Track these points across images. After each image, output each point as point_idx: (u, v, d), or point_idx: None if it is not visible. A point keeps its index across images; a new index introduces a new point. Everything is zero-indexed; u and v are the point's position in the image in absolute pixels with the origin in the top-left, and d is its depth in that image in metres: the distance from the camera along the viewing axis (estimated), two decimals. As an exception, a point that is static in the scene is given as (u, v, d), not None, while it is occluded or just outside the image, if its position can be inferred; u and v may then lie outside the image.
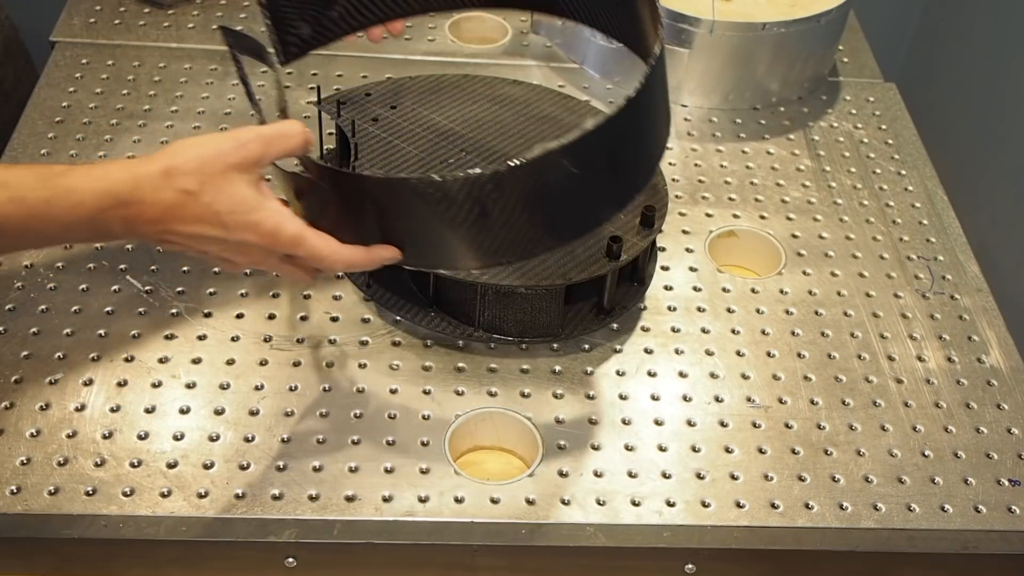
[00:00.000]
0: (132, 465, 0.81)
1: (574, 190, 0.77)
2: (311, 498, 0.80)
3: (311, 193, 0.79)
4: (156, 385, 0.87)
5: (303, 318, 0.93)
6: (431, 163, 0.97)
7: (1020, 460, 0.88)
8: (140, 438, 0.83)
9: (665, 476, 0.84)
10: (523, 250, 0.79)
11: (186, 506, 0.79)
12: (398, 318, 0.94)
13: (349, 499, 0.80)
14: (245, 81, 0.87)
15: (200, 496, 0.80)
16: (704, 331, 0.96)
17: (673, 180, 1.11)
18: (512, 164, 0.72)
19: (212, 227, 0.71)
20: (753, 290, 1.00)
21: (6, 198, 0.65)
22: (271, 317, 0.93)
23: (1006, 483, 0.86)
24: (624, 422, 0.88)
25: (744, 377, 0.92)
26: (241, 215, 0.71)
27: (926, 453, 0.88)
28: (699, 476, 0.84)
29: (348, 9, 0.96)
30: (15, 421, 0.84)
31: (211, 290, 0.94)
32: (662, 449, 0.86)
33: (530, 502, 0.81)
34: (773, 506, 0.83)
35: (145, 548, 0.78)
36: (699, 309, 0.98)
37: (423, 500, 0.81)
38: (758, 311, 0.98)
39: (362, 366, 0.90)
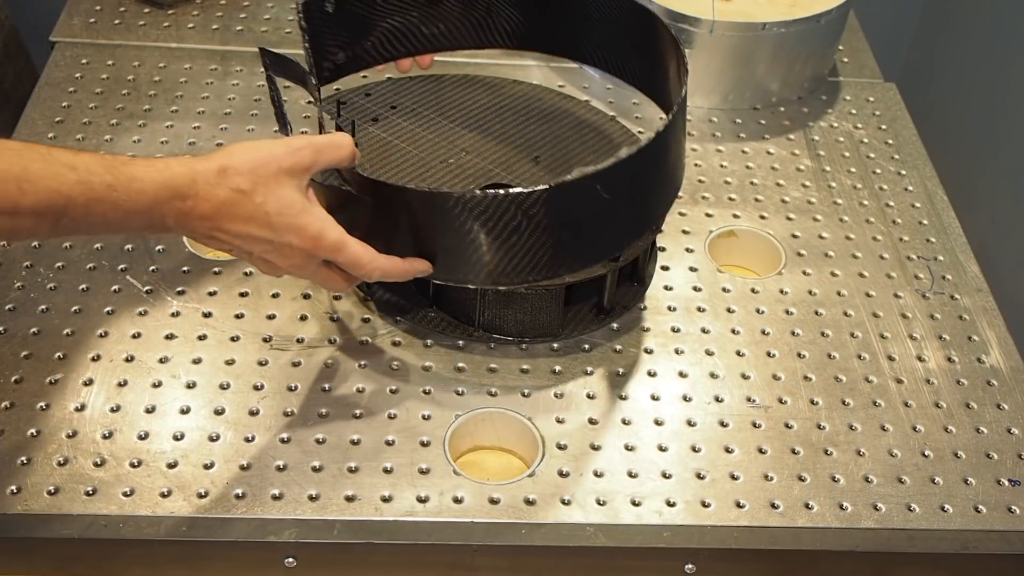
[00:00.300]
0: (132, 465, 0.81)
1: (603, 215, 0.82)
2: (311, 498, 0.80)
3: (346, 204, 0.82)
4: (156, 385, 0.87)
5: (303, 318, 0.93)
6: (431, 163, 0.98)
7: (1020, 460, 0.88)
8: (140, 438, 0.83)
9: (665, 476, 0.84)
10: (548, 270, 0.83)
11: (186, 506, 0.79)
12: (398, 318, 0.94)
13: (349, 499, 0.81)
14: (278, 103, 0.91)
15: (200, 496, 0.80)
16: (704, 331, 0.96)
17: (673, 180, 1.11)
18: (552, 184, 0.77)
19: (260, 227, 0.74)
20: (753, 290, 1.00)
21: (74, 180, 0.68)
22: (271, 317, 0.93)
23: (1006, 483, 0.86)
24: (624, 422, 0.88)
25: (744, 377, 0.92)
26: (289, 217, 0.75)
27: (926, 453, 0.88)
28: (699, 476, 0.84)
29: (382, 40, 1.01)
30: (15, 421, 0.84)
31: (211, 290, 0.94)
32: (662, 449, 0.86)
33: (530, 502, 0.81)
34: (773, 506, 0.83)
35: (145, 548, 0.78)
36: (699, 309, 0.98)
37: (423, 500, 0.81)
38: (758, 311, 0.98)
39: (362, 366, 0.90)
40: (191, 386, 0.87)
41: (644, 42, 0.96)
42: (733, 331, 0.96)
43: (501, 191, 0.77)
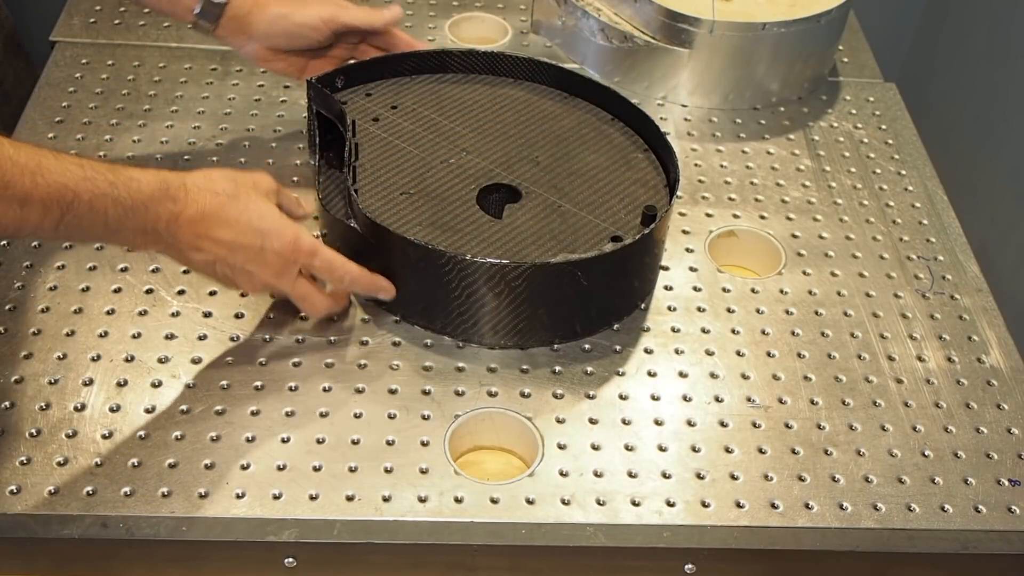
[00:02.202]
0: (132, 465, 0.81)
1: (579, 299, 0.90)
2: (311, 498, 0.80)
3: (348, 239, 0.92)
4: (156, 385, 0.87)
5: (303, 318, 0.93)
6: (432, 163, 0.98)
7: (1020, 460, 0.88)
8: (140, 438, 0.83)
9: (665, 476, 0.84)
10: (520, 338, 0.91)
11: (186, 506, 0.79)
12: (398, 318, 0.94)
13: (349, 499, 0.80)
14: (313, 132, 1.03)
15: (200, 496, 0.80)
16: (704, 331, 0.96)
17: (673, 180, 1.11)
18: (536, 263, 0.87)
19: (243, 232, 0.81)
20: (753, 290, 1.00)
21: (81, 175, 0.74)
22: (271, 317, 0.93)
23: (1006, 483, 0.86)
24: (624, 422, 0.88)
25: (744, 377, 0.92)
26: (268, 222, 0.82)
27: (926, 453, 0.88)
28: (699, 476, 0.84)
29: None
30: (15, 421, 0.84)
31: (211, 290, 0.94)
32: (662, 449, 0.86)
33: (530, 502, 0.81)
34: (773, 506, 0.83)
35: (145, 548, 0.78)
36: (699, 309, 0.98)
37: (423, 500, 0.81)
38: (758, 311, 0.98)
39: (362, 366, 0.90)
40: (191, 386, 0.87)
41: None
42: (733, 331, 0.96)
43: (490, 260, 0.86)
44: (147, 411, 0.85)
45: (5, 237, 0.95)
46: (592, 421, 0.87)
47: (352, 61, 1.05)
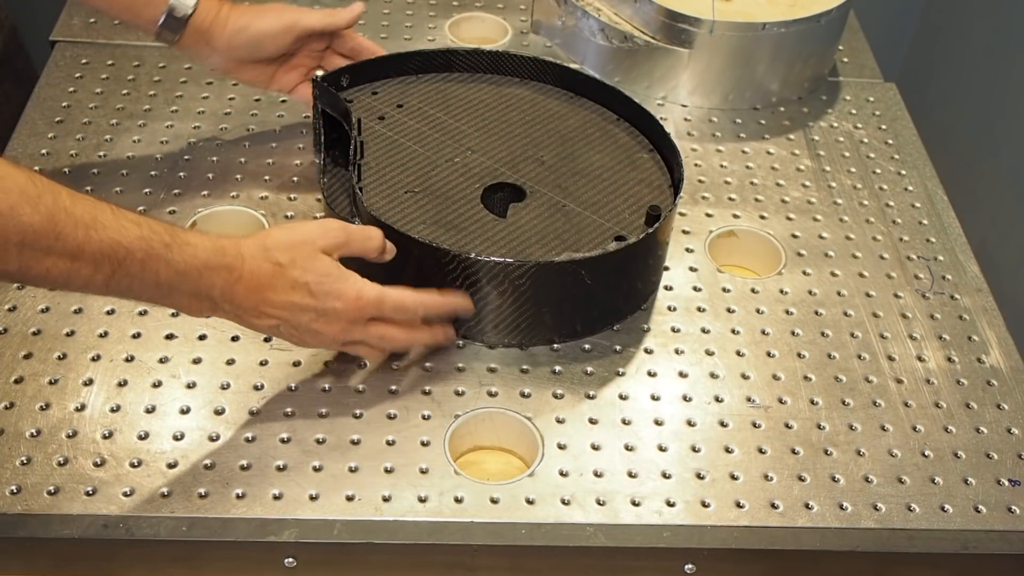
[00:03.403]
0: (132, 465, 0.81)
1: (583, 298, 0.90)
2: (311, 498, 0.80)
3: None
4: (156, 385, 0.87)
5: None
6: (437, 162, 0.98)
7: (1020, 460, 0.88)
8: (140, 438, 0.83)
9: (665, 476, 0.84)
10: (524, 336, 0.92)
11: (186, 506, 0.79)
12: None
13: (349, 499, 0.80)
14: (318, 131, 1.02)
15: (200, 496, 0.80)
16: (704, 331, 0.96)
17: (673, 180, 1.11)
18: (540, 262, 0.87)
19: (303, 295, 0.80)
20: (753, 290, 1.00)
21: (136, 235, 0.73)
22: (271, 317, 0.93)
23: (1006, 483, 0.86)
24: (624, 422, 0.88)
25: (744, 377, 0.92)
26: (327, 284, 0.80)
27: (926, 453, 0.88)
28: (699, 476, 0.84)
29: None
30: (15, 421, 0.84)
31: (211, 290, 0.94)
32: (662, 449, 0.86)
33: (530, 502, 0.81)
34: (773, 506, 0.83)
35: (145, 548, 0.78)
36: (699, 309, 0.98)
37: (423, 500, 0.81)
38: (758, 311, 0.98)
39: (362, 366, 0.90)
40: (191, 386, 0.87)
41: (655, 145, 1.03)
42: (733, 331, 0.96)
43: (494, 259, 0.86)
44: (147, 411, 0.85)
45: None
46: (592, 421, 0.87)
47: (320, 72, 1.05)
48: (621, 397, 0.90)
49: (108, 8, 1.01)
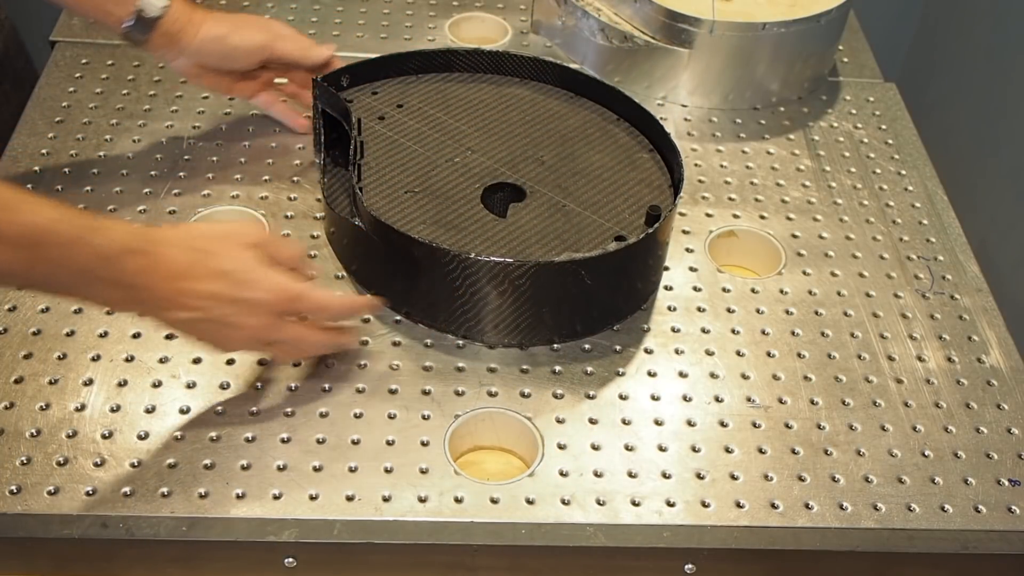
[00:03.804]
0: (132, 465, 0.81)
1: (583, 298, 0.90)
2: (311, 498, 0.80)
3: (356, 239, 0.93)
4: (156, 385, 0.87)
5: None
6: (437, 162, 0.98)
7: (1020, 460, 0.88)
8: (140, 438, 0.83)
9: (665, 476, 0.84)
10: (524, 336, 0.91)
11: (186, 506, 0.79)
12: (398, 318, 0.94)
13: (349, 499, 0.80)
14: (318, 131, 1.03)
15: (200, 496, 0.80)
16: (704, 331, 0.96)
17: (673, 180, 1.11)
18: (540, 262, 0.86)
19: (224, 285, 0.78)
20: (753, 290, 1.00)
21: (57, 216, 0.72)
22: (271, 317, 0.93)
23: (1006, 483, 0.86)
24: (624, 422, 0.88)
25: (744, 377, 0.92)
26: (247, 273, 0.79)
27: (926, 453, 0.88)
28: (699, 476, 0.84)
29: None
30: (15, 421, 0.84)
31: (211, 290, 0.94)
32: (662, 449, 0.86)
33: (530, 502, 0.81)
34: (773, 506, 0.83)
35: (145, 548, 0.78)
36: (699, 309, 0.98)
37: (423, 500, 0.81)
38: (758, 311, 0.98)
39: (362, 366, 0.90)
40: (191, 386, 0.87)
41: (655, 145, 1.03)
42: (733, 331, 0.96)
43: (495, 259, 0.86)
44: (147, 411, 0.85)
45: None
46: (592, 421, 0.87)
47: (282, 81, 1.07)
48: (621, 397, 0.90)
49: (76, 6, 1.00)
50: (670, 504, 0.82)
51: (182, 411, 0.85)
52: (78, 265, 0.73)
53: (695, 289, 1.00)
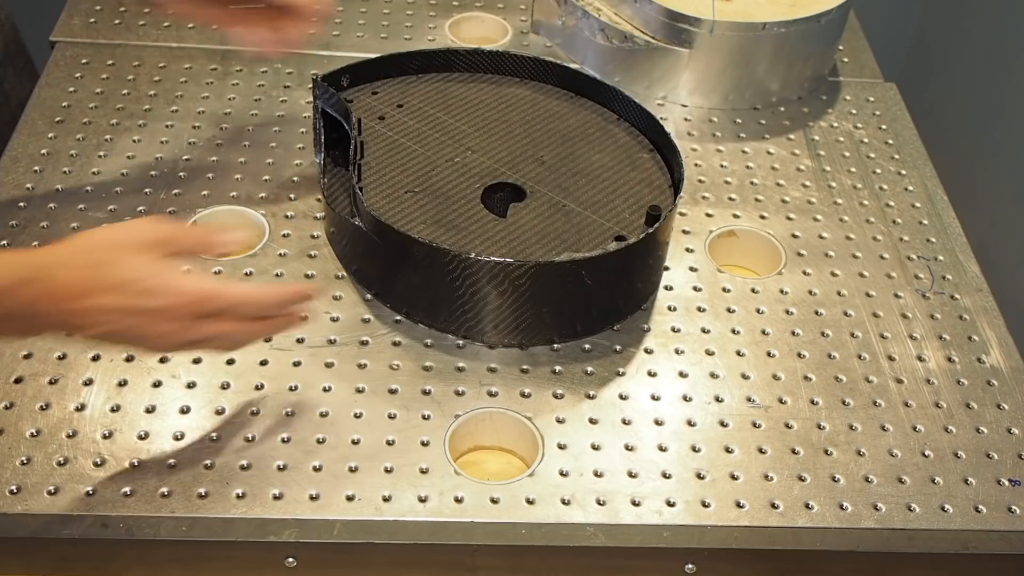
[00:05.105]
0: (132, 465, 0.81)
1: (583, 298, 0.90)
2: (311, 498, 0.80)
3: (356, 238, 0.92)
4: (156, 385, 0.87)
5: (303, 318, 0.93)
6: (437, 162, 0.98)
7: (1020, 460, 0.88)
8: (140, 438, 0.83)
9: (665, 476, 0.84)
10: (524, 336, 0.91)
11: (186, 506, 0.79)
12: (398, 318, 0.94)
13: (349, 499, 0.80)
14: (318, 130, 1.01)
15: (200, 496, 0.80)
16: (704, 331, 0.96)
17: (673, 180, 1.11)
18: (541, 262, 0.86)
19: (121, 298, 0.72)
20: (753, 290, 1.00)
21: None
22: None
23: (1006, 483, 0.86)
24: (624, 422, 0.88)
25: (744, 377, 0.92)
26: (145, 281, 0.72)
27: (926, 453, 0.88)
28: (699, 476, 0.84)
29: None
30: (15, 421, 0.84)
31: (211, 290, 0.94)
32: (662, 449, 0.86)
33: (530, 502, 0.81)
34: (773, 506, 0.83)
35: (145, 548, 0.78)
36: (699, 309, 0.98)
37: (423, 500, 0.81)
38: (758, 311, 0.98)
39: (362, 366, 0.90)
40: (191, 386, 0.87)
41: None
42: (733, 331, 0.96)
43: (495, 259, 0.86)
44: (147, 411, 0.85)
45: None
46: (592, 421, 0.87)
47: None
48: (621, 397, 0.90)
49: None
50: (670, 504, 0.82)
51: (182, 411, 0.85)
52: None
53: (695, 289, 1.00)
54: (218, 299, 0.75)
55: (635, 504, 0.82)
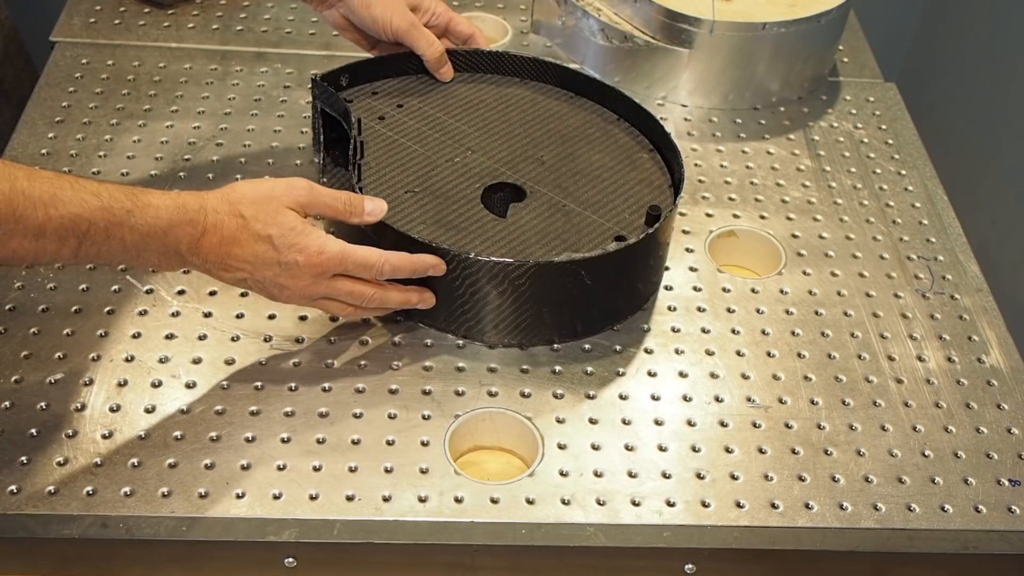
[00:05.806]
0: (132, 465, 0.81)
1: (582, 298, 0.90)
2: (311, 498, 0.80)
3: (359, 240, 0.90)
4: (156, 385, 0.87)
5: (303, 318, 0.93)
6: (437, 162, 0.98)
7: (1020, 460, 0.88)
8: (140, 438, 0.83)
9: (665, 476, 0.84)
10: (524, 336, 0.91)
11: (186, 506, 0.79)
12: (398, 318, 0.94)
13: (349, 499, 0.80)
14: (317, 130, 1.02)
15: (200, 496, 0.80)
16: (704, 331, 0.96)
17: (673, 180, 1.11)
18: (540, 262, 0.87)
19: (265, 248, 0.81)
20: (753, 290, 1.00)
21: (97, 205, 0.74)
22: (271, 317, 0.93)
23: (1006, 483, 0.86)
24: (624, 422, 0.88)
25: (744, 377, 0.92)
26: (290, 237, 0.81)
27: (926, 453, 0.88)
28: (699, 476, 0.84)
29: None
30: (15, 421, 0.84)
31: (211, 290, 0.94)
32: (662, 449, 0.86)
33: (530, 502, 0.81)
34: (773, 506, 0.83)
35: (145, 548, 0.78)
36: (699, 309, 0.98)
37: (423, 500, 0.81)
38: (758, 311, 0.98)
39: (362, 366, 0.90)
40: (191, 386, 0.87)
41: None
42: (733, 331, 0.96)
43: (494, 259, 0.86)
44: (147, 411, 0.85)
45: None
46: (592, 421, 0.87)
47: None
48: (621, 397, 0.90)
49: None
50: (670, 504, 0.82)
51: (182, 411, 0.85)
52: (124, 246, 0.76)
53: (695, 289, 1.00)
54: (347, 260, 0.83)
55: (635, 504, 0.82)
